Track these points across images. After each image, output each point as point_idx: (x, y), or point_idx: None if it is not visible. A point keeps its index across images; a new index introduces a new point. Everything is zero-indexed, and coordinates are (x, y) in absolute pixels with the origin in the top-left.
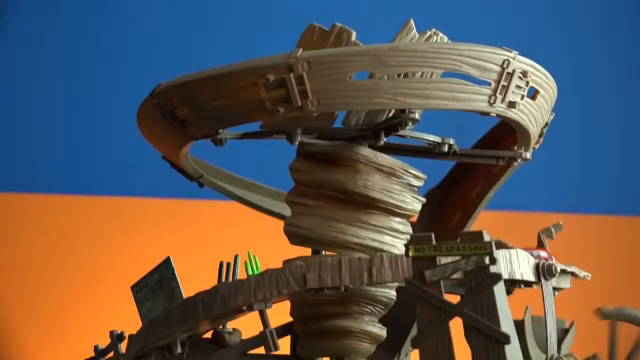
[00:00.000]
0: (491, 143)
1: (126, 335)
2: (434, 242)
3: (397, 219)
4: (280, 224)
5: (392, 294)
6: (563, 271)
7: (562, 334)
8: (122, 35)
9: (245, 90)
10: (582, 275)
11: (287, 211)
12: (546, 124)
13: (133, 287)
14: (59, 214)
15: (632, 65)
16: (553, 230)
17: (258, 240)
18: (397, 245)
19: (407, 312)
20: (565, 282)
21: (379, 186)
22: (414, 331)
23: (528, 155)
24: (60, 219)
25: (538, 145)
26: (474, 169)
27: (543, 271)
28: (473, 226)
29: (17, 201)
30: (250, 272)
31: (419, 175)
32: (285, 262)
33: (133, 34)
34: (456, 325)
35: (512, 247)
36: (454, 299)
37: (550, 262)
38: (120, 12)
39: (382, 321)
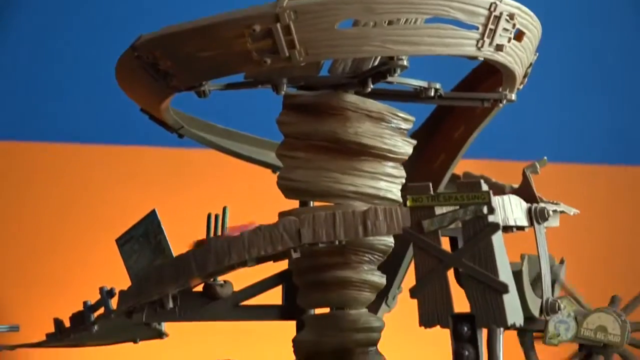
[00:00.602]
0: (473, 84)
1: (116, 291)
2: (431, 192)
3: (390, 163)
4: (269, 173)
5: (390, 241)
6: (553, 211)
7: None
8: None
9: (231, 42)
10: (571, 212)
11: (275, 160)
12: (530, 64)
13: (118, 240)
14: (43, 162)
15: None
16: (538, 166)
17: (246, 191)
18: (392, 190)
19: (395, 257)
20: (554, 221)
21: (370, 132)
22: (400, 275)
23: (513, 96)
24: (43, 167)
25: (522, 86)
26: (456, 110)
27: (536, 215)
28: (458, 172)
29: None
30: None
31: (408, 118)
32: (280, 215)
33: None
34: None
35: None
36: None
37: (542, 205)
38: None
39: None
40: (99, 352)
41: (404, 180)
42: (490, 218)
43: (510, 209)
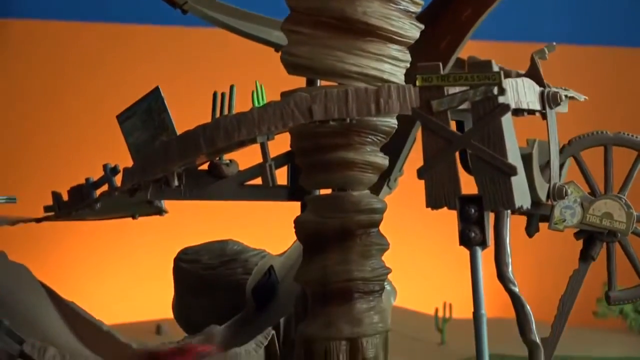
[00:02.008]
0: None
1: (120, 168)
2: (441, 72)
3: (396, 46)
4: (272, 52)
5: (394, 122)
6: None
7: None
8: None
9: None
10: (581, 99)
11: (279, 39)
12: None
13: (119, 117)
14: (48, 40)
15: None
16: (546, 51)
17: (251, 70)
18: (396, 74)
19: (397, 137)
20: (563, 107)
21: (378, 13)
22: (402, 157)
23: None
24: (48, 44)
25: None
26: None
27: (548, 99)
28: (462, 55)
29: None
30: (256, 103)
31: (416, 1)
32: (283, 95)
33: None
34: None
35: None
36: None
37: (555, 90)
38: None
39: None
40: (98, 227)
41: (408, 65)
42: (501, 99)
43: (524, 92)
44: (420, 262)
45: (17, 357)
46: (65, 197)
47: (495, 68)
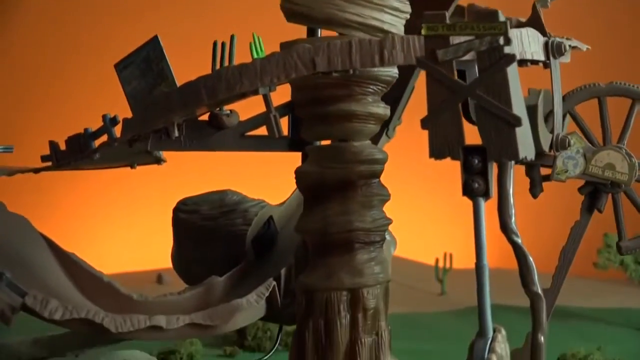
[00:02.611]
0: None
1: (119, 118)
2: (447, 21)
3: None
4: (271, 2)
5: (395, 72)
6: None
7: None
8: None
9: None
10: (584, 48)
11: None
12: None
13: (117, 65)
14: None
15: None
16: (548, 0)
17: (251, 19)
18: (396, 24)
19: (396, 86)
20: (565, 57)
21: None
22: (401, 106)
23: None
24: None
25: None
26: None
27: (552, 49)
28: (462, 2)
29: None
30: (255, 55)
31: None
32: (283, 46)
33: None
34: None
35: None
36: None
37: (559, 40)
38: None
39: None
40: (97, 178)
41: (408, 16)
42: (506, 49)
43: (528, 42)
44: (421, 212)
45: (19, 309)
46: (62, 146)
47: (502, 18)
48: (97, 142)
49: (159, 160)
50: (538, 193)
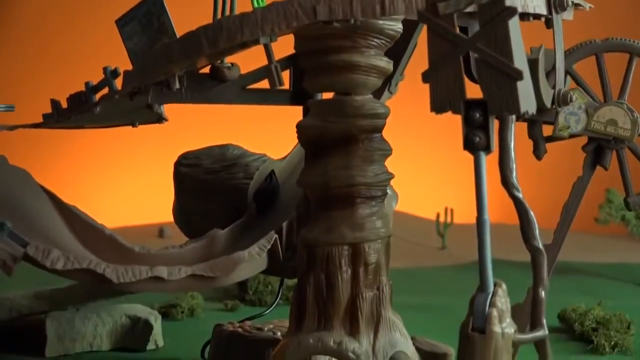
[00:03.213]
0: None
1: (120, 71)
2: None
3: None
4: None
5: (399, 26)
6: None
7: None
8: None
9: None
10: (587, 7)
11: None
12: None
13: (118, 21)
14: None
15: None
16: None
17: None
18: None
19: (399, 42)
20: (568, 14)
21: None
22: (404, 62)
23: None
24: None
25: None
26: None
27: (554, 4)
28: None
29: None
30: (255, 5)
31: None
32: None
33: None
34: None
35: None
36: None
37: None
38: None
39: None
40: (99, 132)
41: None
42: (508, 2)
43: None
44: (423, 167)
45: (20, 258)
46: (64, 105)
47: None
48: (97, 96)
49: (160, 118)
50: (542, 154)
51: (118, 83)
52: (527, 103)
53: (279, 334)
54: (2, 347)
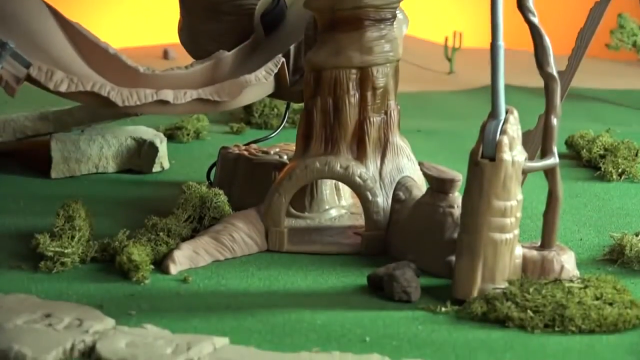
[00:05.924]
0: None
1: None
2: None
3: None
4: None
5: None
6: None
7: None
8: None
9: None
10: None
11: None
12: None
13: None
14: None
15: None
16: None
17: None
18: None
19: None
20: None
21: None
22: None
23: None
24: None
25: None
26: None
27: None
28: None
29: None
30: None
31: None
32: None
33: None
34: None
35: None
36: None
37: None
38: None
39: None
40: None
41: None
42: None
43: None
44: None
45: (23, 79)
46: None
47: None
48: None
49: None
50: None
51: None
52: None
53: (285, 157)
54: (8, 169)
